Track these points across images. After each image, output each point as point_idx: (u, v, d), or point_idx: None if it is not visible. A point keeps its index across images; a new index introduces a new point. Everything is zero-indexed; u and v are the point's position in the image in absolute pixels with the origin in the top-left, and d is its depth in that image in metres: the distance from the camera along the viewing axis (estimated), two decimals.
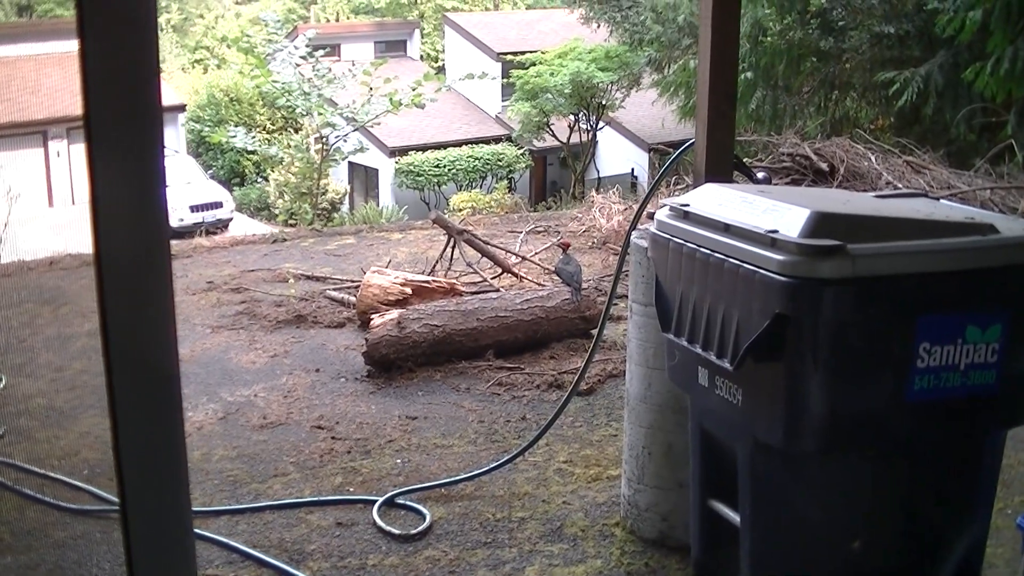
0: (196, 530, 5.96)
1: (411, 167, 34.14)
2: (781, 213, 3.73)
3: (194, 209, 29.19)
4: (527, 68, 32.44)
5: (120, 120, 1.27)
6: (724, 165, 5.22)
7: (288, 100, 22.19)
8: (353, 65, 24.18)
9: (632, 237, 5.39)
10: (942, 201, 4.57)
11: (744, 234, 3.76)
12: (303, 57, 22.42)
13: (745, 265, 3.70)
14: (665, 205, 4.36)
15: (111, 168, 1.28)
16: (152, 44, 1.29)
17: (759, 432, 3.80)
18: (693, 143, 5.40)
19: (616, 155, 34.55)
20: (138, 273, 1.30)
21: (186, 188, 30.04)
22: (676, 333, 4.19)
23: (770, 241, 3.62)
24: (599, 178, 32.13)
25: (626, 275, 5.64)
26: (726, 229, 3.87)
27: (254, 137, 25.34)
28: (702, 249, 3.98)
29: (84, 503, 6.51)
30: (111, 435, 1.31)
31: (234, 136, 24.29)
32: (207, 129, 33.99)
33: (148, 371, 1.32)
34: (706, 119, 5.16)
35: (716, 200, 4.13)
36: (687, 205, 4.19)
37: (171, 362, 1.33)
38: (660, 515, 5.49)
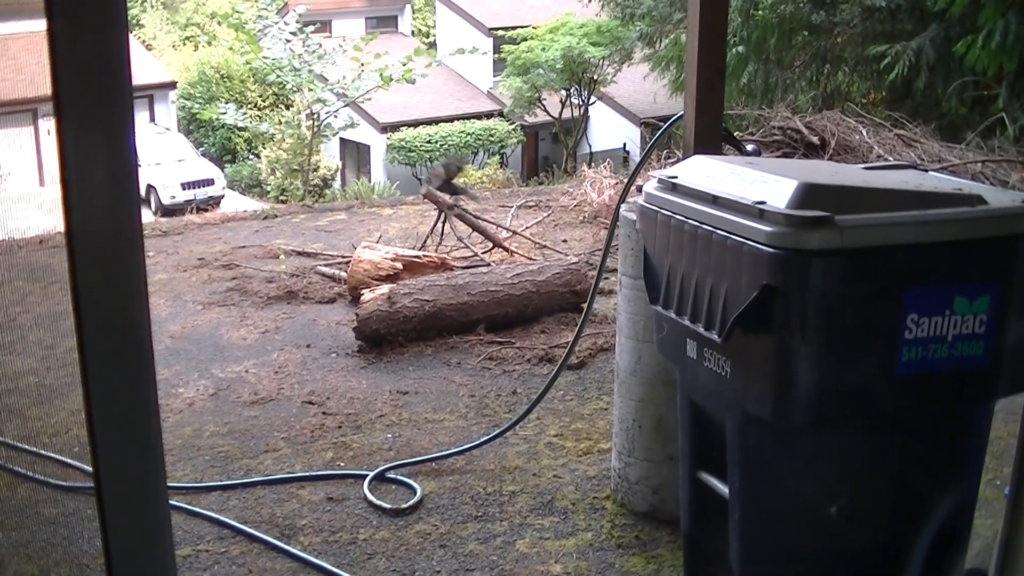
0: (187, 505, 5.98)
1: (403, 143, 34.08)
2: (769, 185, 3.71)
3: (185, 186, 29.13)
4: (518, 43, 32.37)
5: (90, 99, 1.26)
6: (713, 138, 5.21)
7: (278, 76, 22.11)
8: (344, 40, 24.09)
9: (621, 210, 5.38)
10: (931, 173, 4.56)
11: (732, 206, 3.75)
12: (293, 33, 22.33)
13: (733, 237, 3.69)
14: (654, 177, 4.34)
15: (82, 147, 1.27)
16: (121, 22, 1.28)
17: (748, 404, 3.80)
18: (682, 116, 5.39)
19: (608, 130, 34.50)
20: (110, 250, 1.29)
21: (177, 165, 29.99)
22: (664, 305, 4.18)
23: (758, 212, 3.60)
24: (591, 153, 32.13)
25: (616, 249, 5.64)
26: (714, 201, 3.86)
27: (245, 114, 25.26)
28: (690, 221, 3.96)
29: (75, 480, 6.50)
30: (84, 412, 1.29)
31: (224, 113, 24.21)
32: (198, 106, 33.89)
33: (122, 347, 1.31)
34: (695, 92, 5.15)
35: (704, 172, 4.12)
36: (675, 177, 4.18)
37: (144, 337, 1.32)
38: (651, 488, 5.50)
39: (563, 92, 33.25)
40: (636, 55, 26.44)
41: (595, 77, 32.28)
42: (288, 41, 22.16)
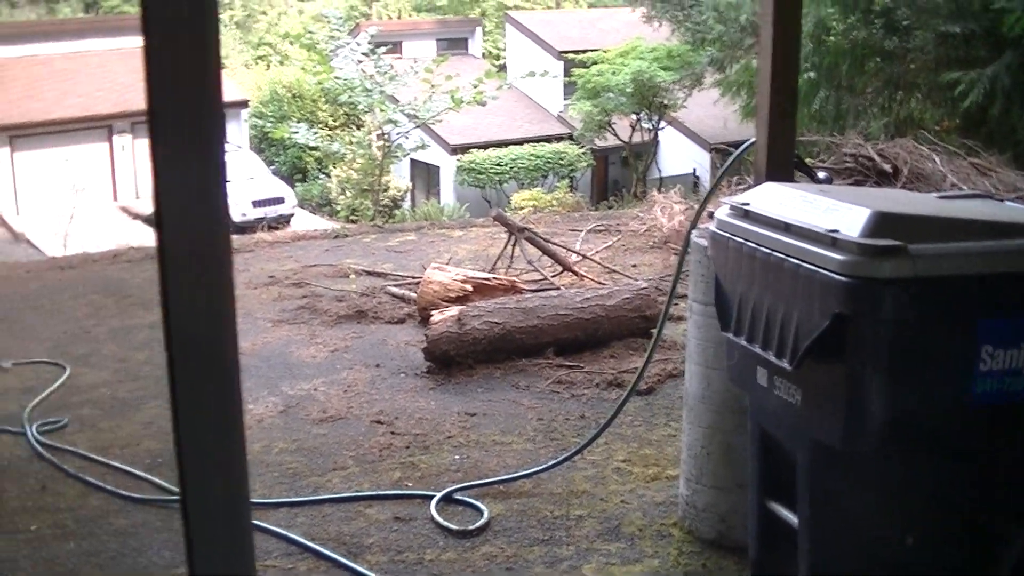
0: (255, 521, 6.02)
1: (473, 165, 34.18)
2: (842, 213, 3.71)
3: (256, 204, 29.38)
4: (589, 67, 32.41)
5: (182, 116, 1.30)
6: (785, 164, 5.19)
7: (350, 96, 22.27)
8: (415, 62, 24.26)
9: (692, 236, 5.38)
10: (1007, 203, 4.53)
11: (804, 233, 3.75)
12: (365, 54, 22.49)
13: (805, 265, 3.69)
14: (726, 204, 4.35)
15: (173, 163, 1.31)
16: (214, 38, 1.32)
17: (818, 433, 3.79)
18: (754, 142, 5.38)
19: (678, 155, 34.43)
20: (200, 266, 1.32)
21: (248, 183, 30.23)
22: (735, 332, 4.18)
23: (830, 240, 3.60)
24: (661, 178, 32.08)
25: (686, 274, 5.64)
26: (786, 228, 3.86)
27: (316, 133, 25.47)
28: (762, 248, 3.97)
29: (145, 492, 6.59)
30: (172, 427, 1.33)
31: (296, 132, 24.42)
32: (269, 125, 34.23)
33: (209, 362, 1.34)
34: (767, 118, 5.14)
35: (777, 199, 4.12)
36: (747, 204, 4.18)
37: (231, 353, 1.35)
38: (718, 515, 5.48)
39: (633, 116, 33.22)
40: (707, 80, 26.36)
41: (665, 102, 32.20)
42: (359, 62, 22.33)
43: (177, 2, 1.31)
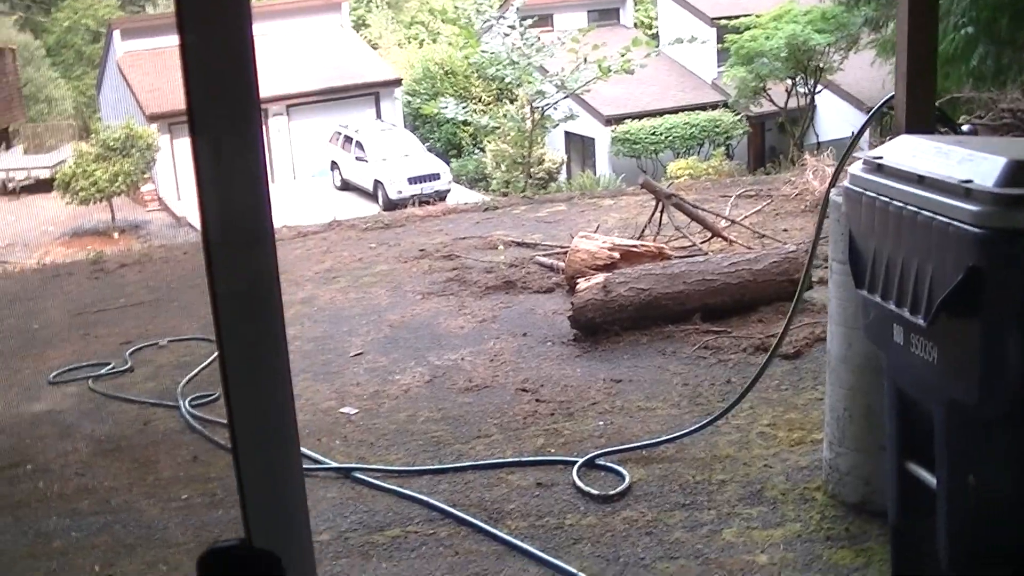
0: (399, 488, 6.11)
1: (627, 135, 33.93)
2: (977, 162, 3.59)
3: (412, 181, 29.57)
4: (742, 32, 31.90)
5: (219, 111, 1.31)
6: (925, 119, 5.04)
7: (497, 70, 22.30)
8: (564, 33, 24.17)
9: (831, 195, 5.27)
10: None
11: (938, 185, 3.63)
12: (511, 27, 22.50)
13: (938, 217, 3.58)
14: (859, 159, 4.24)
15: (213, 157, 1.33)
16: (247, 33, 1.33)
17: (955, 392, 3.67)
18: (894, 97, 5.24)
19: (835, 119, 33.69)
20: (244, 255, 1.34)
21: (404, 161, 30.46)
22: (870, 289, 4.08)
23: (964, 191, 3.49)
24: (818, 142, 31.44)
25: (828, 235, 5.52)
26: (919, 181, 3.75)
27: (466, 108, 25.54)
28: (895, 202, 3.86)
29: None
30: (224, 394, 1.35)
31: (445, 107, 24.49)
32: (419, 102, 34.48)
33: (255, 336, 1.36)
34: (905, 72, 5.00)
35: (910, 152, 4.00)
36: (880, 158, 4.07)
37: (277, 325, 1.37)
38: (862, 479, 5.36)
39: (788, 81, 32.62)
40: (862, 40, 25.72)
41: (820, 65, 31.52)
42: (506, 35, 22.34)
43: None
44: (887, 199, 3.92)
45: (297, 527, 1.46)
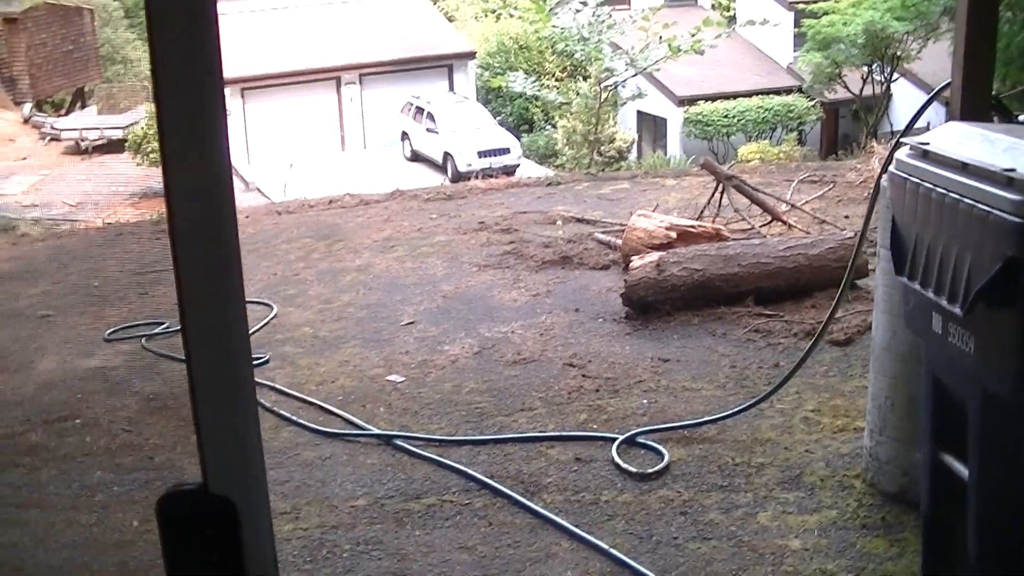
0: (438, 457, 6.14)
1: (699, 117, 33.71)
2: (1021, 151, 3.53)
3: (482, 154, 29.57)
4: (819, 17, 31.56)
5: (182, 85, 1.33)
6: (980, 106, 4.96)
7: (567, 45, 22.23)
8: (640, 11, 24.05)
9: (882, 181, 5.21)
10: None
11: (980, 173, 3.58)
12: (583, 2, 22.40)
13: (979, 205, 3.52)
14: (906, 144, 4.18)
15: (178, 134, 1.34)
16: (211, 12, 1.35)
17: (990, 383, 3.62)
18: (949, 84, 5.17)
19: (911, 108, 33.11)
20: (205, 236, 1.36)
21: (475, 134, 30.48)
22: (910, 276, 4.03)
23: (1006, 180, 3.43)
24: (892, 132, 31.07)
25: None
26: (963, 168, 3.69)
27: (535, 82, 25.47)
28: (937, 189, 3.80)
29: (335, 427, 6.76)
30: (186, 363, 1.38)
31: (514, 81, 24.43)
32: (488, 75, 34.44)
33: (217, 309, 1.38)
34: (962, 59, 4.92)
35: (956, 139, 3.94)
36: (927, 144, 4.01)
37: (237, 299, 1.39)
38: (901, 468, 5.31)
39: (864, 68, 32.22)
40: (941, 29, 25.38)
41: (898, 53, 31.12)
42: (577, 11, 22.25)
43: None
44: (930, 185, 3.86)
45: (253, 472, 1.47)
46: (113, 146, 28.95)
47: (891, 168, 4.27)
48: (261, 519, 1.48)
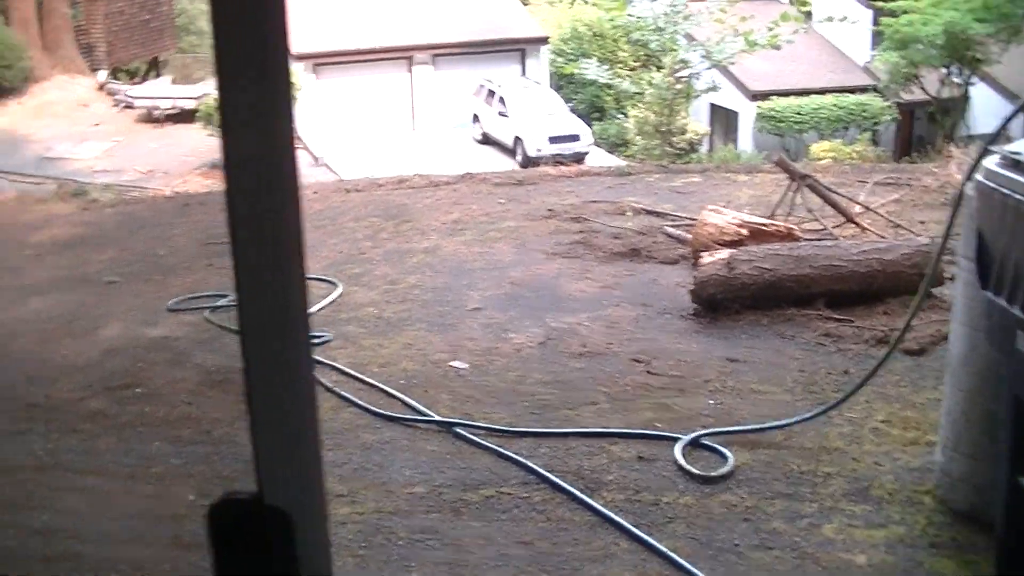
0: (498, 448, 6.08)
1: (773, 112, 33.33)
2: None
3: (552, 140, 29.43)
4: (898, 16, 31.11)
5: (248, 65, 1.25)
6: None
7: (642, 35, 22.07)
8: (715, 4, 23.85)
9: (966, 189, 5.06)
10: None
11: None
12: None
13: None
14: (996, 153, 4.05)
15: (240, 112, 1.26)
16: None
17: None
18: None
19: (990, 113, 32.63)
20: (264, 208, 1.28)
21: (546, 119, 30.35)
22: (996, 291, 3.91)
23: None
24: (969, 136, 30.62)
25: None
26: None
27: (608, 70, 25.29)
28: None
29: (396, 411, 6.71)
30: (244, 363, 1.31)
31: (586, 68, 24.25)
32: (561, 61, 34.28)
33: (274, 293, 1.31)
34: None
35: None
36: (1019, 153, 3.88)
37: (298, 290, 1.32)
38: (974, 487, 5.17)
39: (942, 70, 31.75)
40: None
41: (978, 56, 30.60)
42: (655, 0, 22.08)
43: None
44: (1021, 197, 3.73)
45: (310, 486, 1.39)
46: (185, 116, 29.09)
47: (978, 177, 4.13)
48: (317, 532, 1.40)
